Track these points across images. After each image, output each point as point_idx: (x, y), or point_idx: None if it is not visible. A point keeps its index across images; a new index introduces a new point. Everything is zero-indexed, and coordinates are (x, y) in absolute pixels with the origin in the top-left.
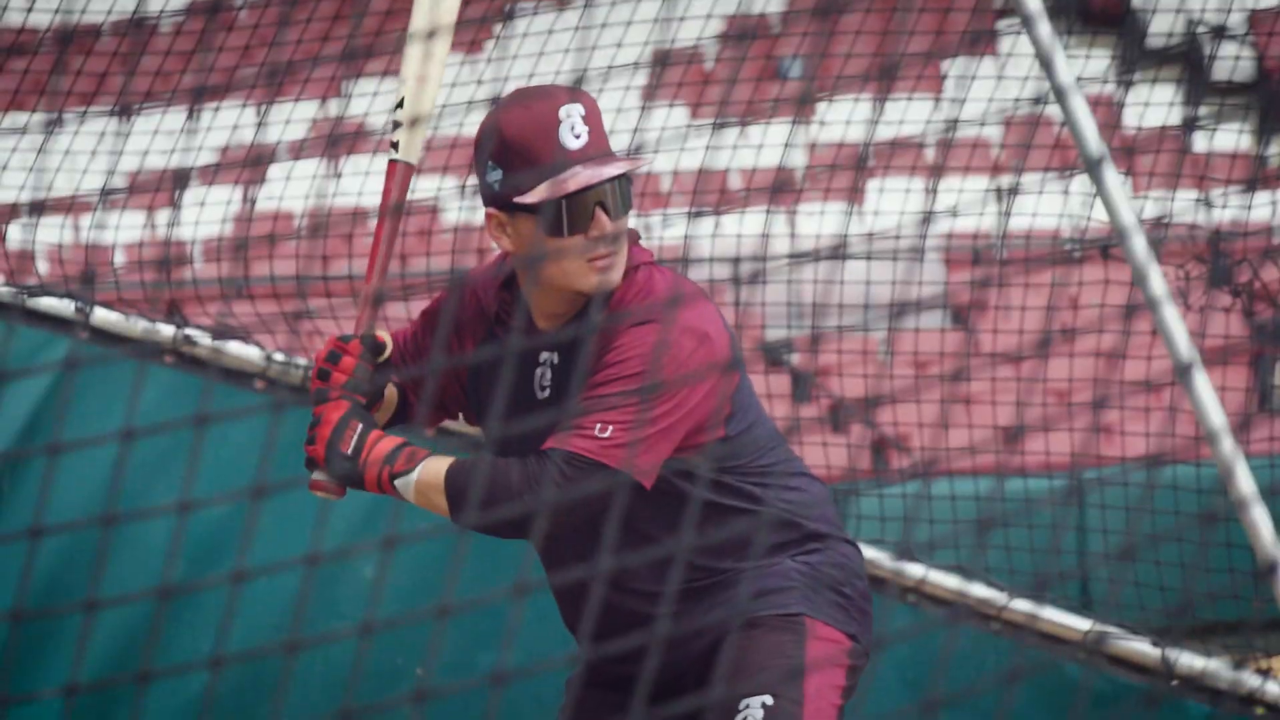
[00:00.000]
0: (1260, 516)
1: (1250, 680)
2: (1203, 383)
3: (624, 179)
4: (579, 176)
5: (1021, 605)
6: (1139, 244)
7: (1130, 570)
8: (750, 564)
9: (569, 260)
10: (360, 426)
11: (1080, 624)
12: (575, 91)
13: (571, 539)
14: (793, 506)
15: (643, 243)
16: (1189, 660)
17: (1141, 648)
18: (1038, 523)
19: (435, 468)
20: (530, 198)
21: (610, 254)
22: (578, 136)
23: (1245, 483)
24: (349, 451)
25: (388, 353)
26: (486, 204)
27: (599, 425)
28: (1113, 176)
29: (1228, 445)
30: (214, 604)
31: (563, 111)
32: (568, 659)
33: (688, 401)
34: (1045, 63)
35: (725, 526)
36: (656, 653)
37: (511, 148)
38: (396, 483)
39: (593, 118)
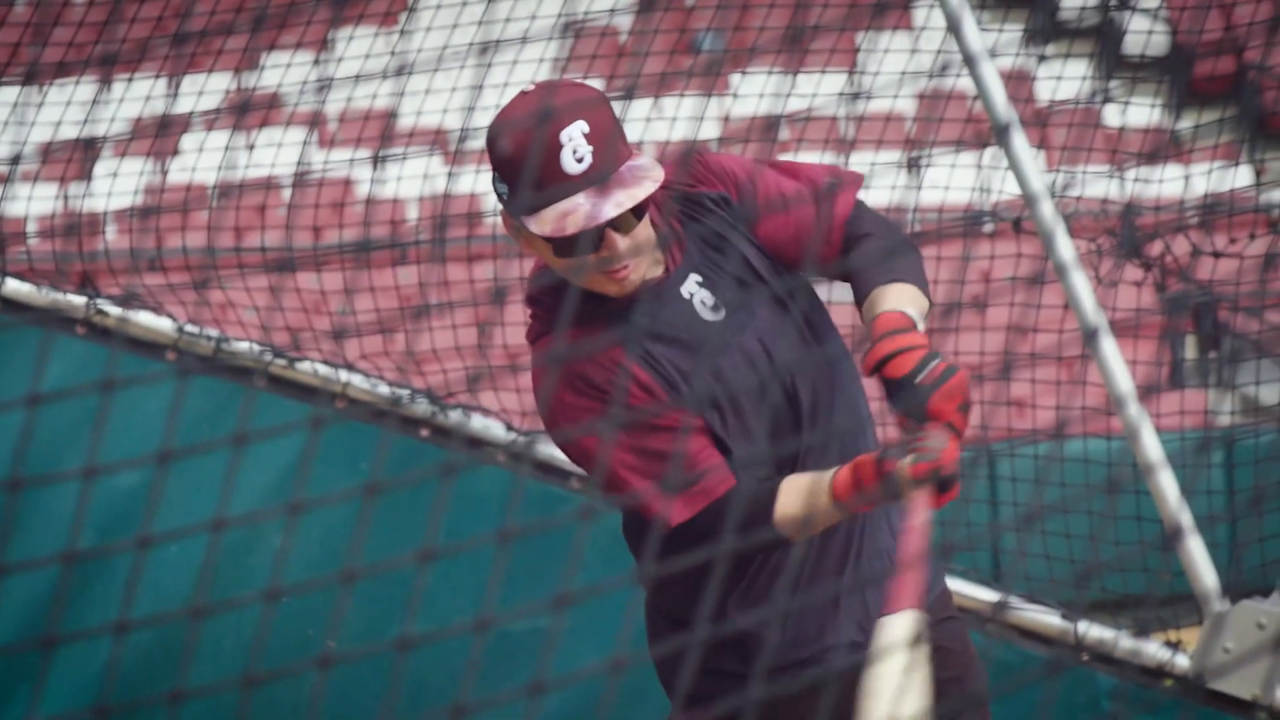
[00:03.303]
0: (1166, 481)
1: (1160, 652)
2: (1110, 348)
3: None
4: (578, 214)
5: None
6: (1046, 210)
7: (1041, 544)
8: None
9: (584, 273)
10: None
11: (986, 595)
12: (580, 105)
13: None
14: None
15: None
16: (1099, 633)
17: (1051, 620)
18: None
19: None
20: (533, 226)
21: (626, 266)
22: (580, 160)
23: (1152, 448)
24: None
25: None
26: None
27: None
28: (1021, 143)
29: (1134, 409)
30: (124, 577)
31: (564, 135)
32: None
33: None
34: (954, 28)
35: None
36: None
37: (515, 169)
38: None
39: (597, 133)
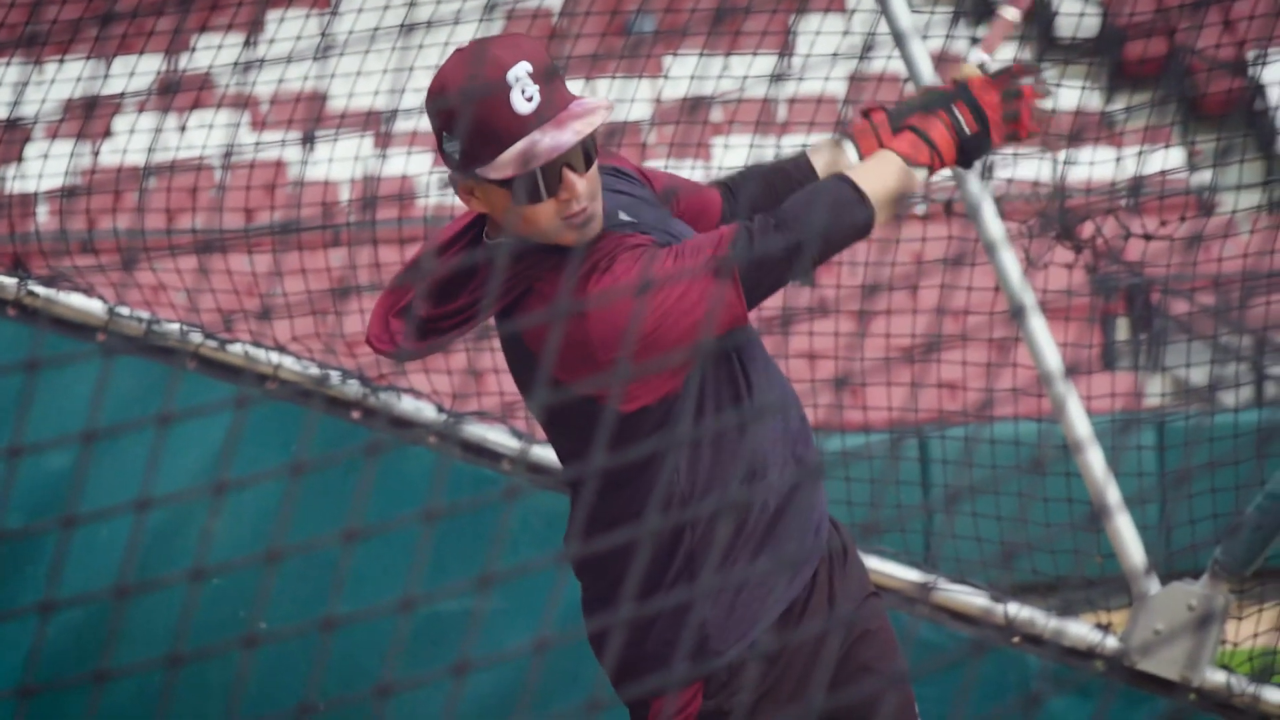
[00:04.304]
0: (1094, 458)
1: (1090, 634)
2: (1039, 325)
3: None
4: (539, 147)
5: (865, 562)
6: (973, 186)
7: (972, 526)
8: None
9: (546, 222)
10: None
11: (917, 577)
12: (518, 46)
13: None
14: None
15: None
16: (1030, 614)
17: (983, 602)
18: (880, 479)
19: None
20: (492, 173)
21: (585, 209)
22: (529, 99)
23: (1079, 423)
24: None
25: None
26: (450, 168)
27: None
28: None
29: (1060, 385)
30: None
31: (510, 76)
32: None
33: None
34: (884, 7)
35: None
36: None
37: (464, 121)
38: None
39: (541, 72)
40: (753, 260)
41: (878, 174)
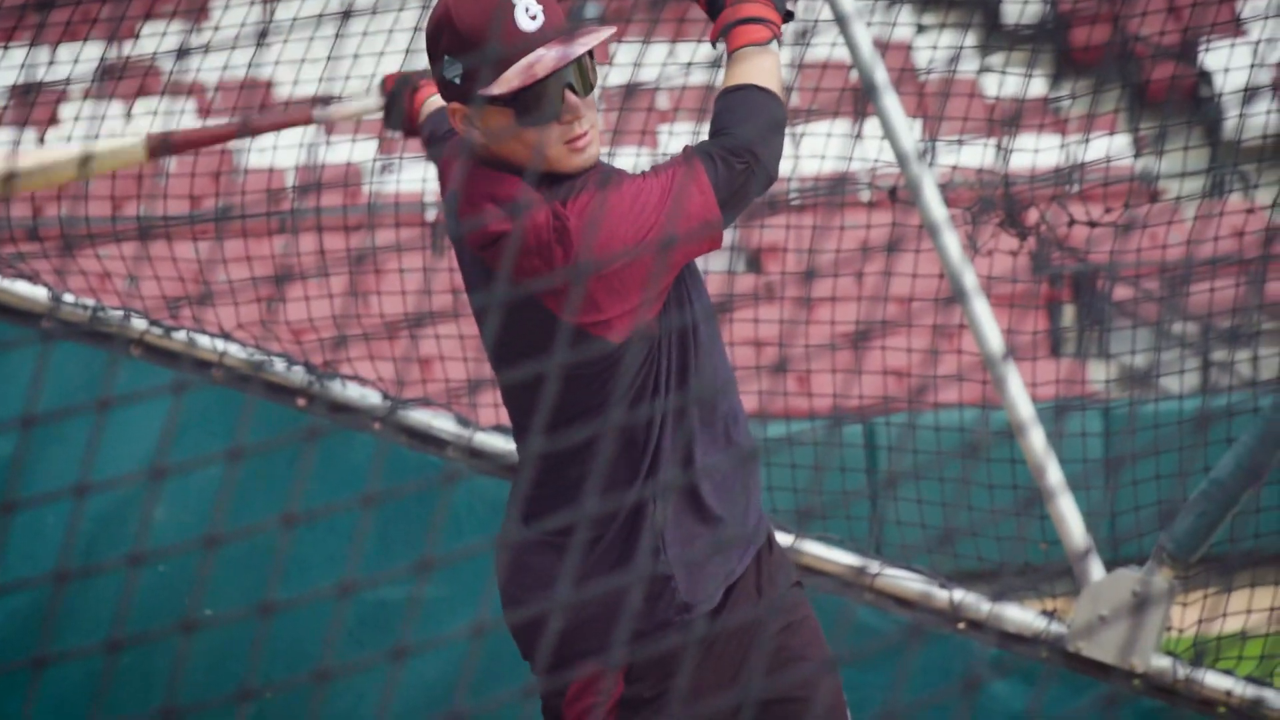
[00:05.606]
0: (1036, 439)
1: (1034, 620)
2: (981, 308)
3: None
4: (545, 60)
5: (810, 548)
6: (916, 168)
7: (918, 513)
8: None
9: (547, 146)
10: None
11: (861, 563)
12: None
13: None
14: None
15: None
16: (975, 601)
17: (928, 589)
18: (823, 464)
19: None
20: (497, 89)
21: (586, 133)
22: (534, 18)
23: (1022, 405)
24: None
25: None
26: (448, 99)
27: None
28: (892, 103)
29: (1003, 367)
30: (5, 549)
31: None
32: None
33: None
34: None
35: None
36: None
37: (468, 40)
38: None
39: None
40: (721, 182)
41: (762, 70)
